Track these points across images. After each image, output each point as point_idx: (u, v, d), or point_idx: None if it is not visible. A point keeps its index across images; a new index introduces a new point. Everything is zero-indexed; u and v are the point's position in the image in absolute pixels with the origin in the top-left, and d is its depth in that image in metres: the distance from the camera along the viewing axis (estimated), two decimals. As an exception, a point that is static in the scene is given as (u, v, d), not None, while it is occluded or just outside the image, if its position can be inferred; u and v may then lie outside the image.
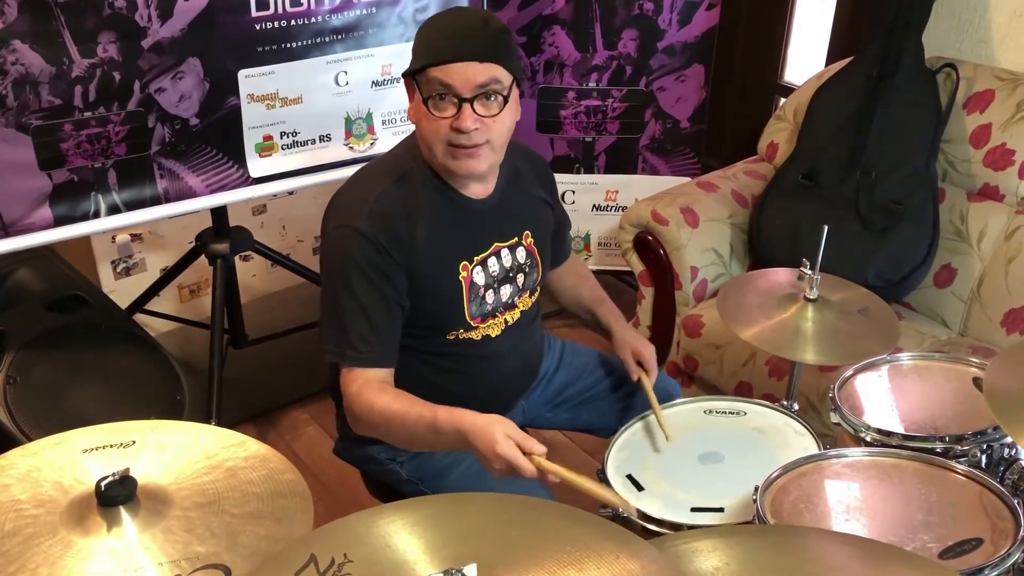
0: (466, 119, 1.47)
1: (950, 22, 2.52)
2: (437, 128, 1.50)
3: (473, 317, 1.64)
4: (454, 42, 1.47)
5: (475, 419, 1.42)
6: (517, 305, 1.71)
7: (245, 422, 2.70)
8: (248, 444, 1.25)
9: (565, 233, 1.90)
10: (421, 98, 1.50)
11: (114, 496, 1.08)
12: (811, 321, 1.74)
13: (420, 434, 1.48)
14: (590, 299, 1.91)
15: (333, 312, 1.55)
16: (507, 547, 0.93)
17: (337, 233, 1.55)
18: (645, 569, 0.91)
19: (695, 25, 2.74)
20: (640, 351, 1.78)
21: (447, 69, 1.46)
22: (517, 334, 1.72)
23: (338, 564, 0.93)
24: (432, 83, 1.47)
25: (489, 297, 1.65)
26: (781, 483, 1.39)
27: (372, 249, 1.52)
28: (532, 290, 1.74)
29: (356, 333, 1.53)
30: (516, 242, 1.69)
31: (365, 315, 1.53)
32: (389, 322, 1.56)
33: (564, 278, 1.93)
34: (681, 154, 2.91)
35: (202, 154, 2.31)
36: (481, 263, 1.63)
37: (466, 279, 1.61)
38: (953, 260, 2.34)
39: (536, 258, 1.73)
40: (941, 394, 1.64)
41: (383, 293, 1.54)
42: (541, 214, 1.76)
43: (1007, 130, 2.28)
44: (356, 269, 1.52)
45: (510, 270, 1.68)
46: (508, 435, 1.38)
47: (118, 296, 2.79)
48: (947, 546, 1.22)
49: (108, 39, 2.08)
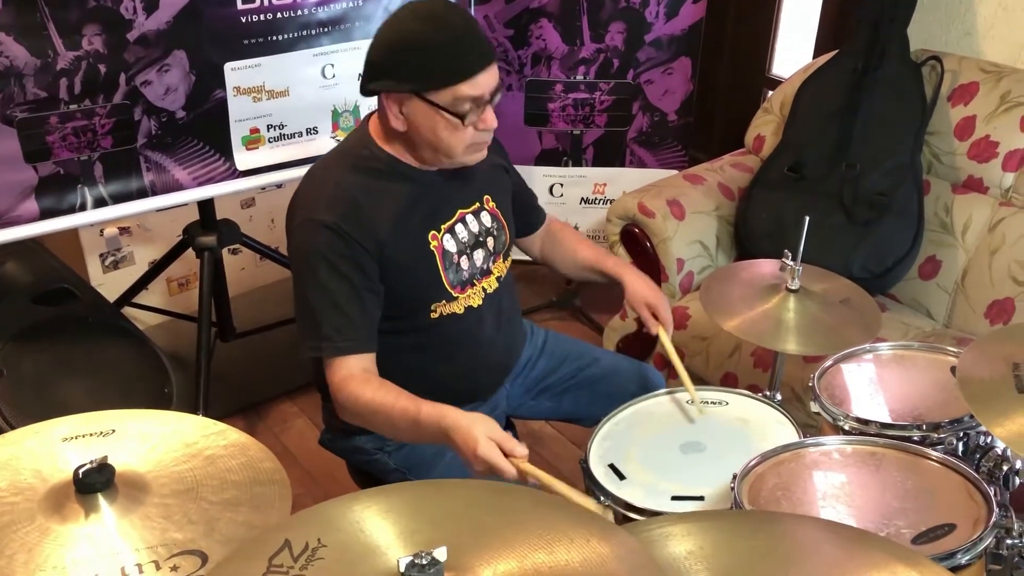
0: (493, 119, 1.53)
1: (936, 14, 2.53)
2: (463, 136, 1.53)
3: (453, 286, 1.64)
4: (470, 52, 1.48)
5: (458, 417, 1.42)
6: (492, 271, 1.72)
7: (234, 415, 2.71)
8: (228, 433, 1.25)
9: (530, 200, 1.90)
10: (446, 114, 1.49)
11: (92, 483, 1.09)
12: (793, 312, 1.75)
13: (403, 428, 1.49)
14: (592, 258, 1.90)
15: (305, 307, 1.56)
16: (479, 531, 0.94)
17: (300, 229, 1.56)
18: (615, 552, 0.92)
19: (682, 18, 2.75)
20: (655, 304, 1.78)
21: (476, 82, 1.48)
22: (498, 303, 1.73)
23: (312, 549, 0.94)
24: (462, 100, 1.48)
25: (464, 263, 1.66)
26: (759, 471, 1.40)
27: (335, 237, 1.52)
28: (504, 254, 1.76)
29: (329, 324, 1.54)
30: (479, 207, 1.70)
31: (336, 305, 1.53)
32: (361, 309, 1.56)
33: (557, 244, 1.93)
34: (669, 147, 2.92)
35: (188, 147, 2.31)
36: (449, 230, 1.65)
37: (438, 248, 1.63)
38: (938, 252, 2.36)
39: (501, 220, 1.74)
40: (921, 383, 1.66)
41: (351, 281, 1.54)
42: (497, 178, 1.77)
43: (991, 122, 2.29)
44: (322, 260, 1.53)
45: (479, 235, 1.69)
46: (490, 436, 1.38)
47: (106, 289, 2.79)
48: (920, 532, 1.23)
49: (93, 31, 2.08)
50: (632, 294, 1.80)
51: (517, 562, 0.90)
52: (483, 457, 1.36)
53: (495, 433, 1.39)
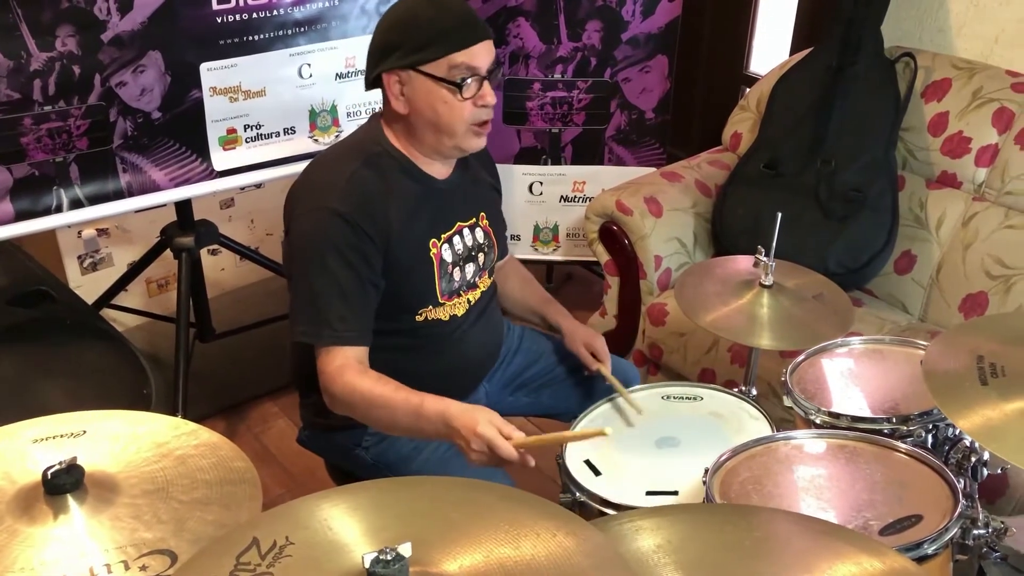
0: (491, 95, 1.56)
1: (909, 11, 2.55)
2: (462, 111, 1.55)
3: (443, 294, 1.67)
4: (468, 25, 1.54)
5: (459, 405, 1.46)
6: (478, 285, 1.75)
7: (214, 415, 2.70)
8: (200, 432, 1.25)
9: (501, 230, 1.91)
10: (443, 85, 1.52)
11: (61, 484, 1.09)
12: (766, 307, 1.76)
13: (402, 419, 1.50)
14: (537, 301, 1.93)
15: (307, 294, 1.56)
16: (445, 527, 0.94)
17: (311, 216, 1.56)
18: (581, 547, 0.92)
19: (658, 16, 2.76)
20: (591, 343, 1.82)
21: (471, 52, 1.53)
22: (480, 313, 1.76)
23: (279, 547, 0.94)
24: (459, 68, 1.53)
25: (456, 274, 1.69)
26: (730, 465, 1.41)
27: (348, 228, 1.53)
28: (490, 270, 1.79)
29: (333, 312, 1.54)
30: (474, 222, 1.73)
31: (342, 294, 1.54)
32: (365, 301, 1.57)
33: (508, 279, 1.94)
34: (647, 145, 2.93)
35: (165, 148, 2.31)
36: (448, 240, 1.67)
37: (436, 255, 1.65)
38: (913, 247, 2.37)
39: (492, 239, 1.78)
40: (895, 376, 1.67)
41: (359, 272, 1.55)
42: (491, 197, 1.82)
43: (963, 118, 2.31)
44: (332, 248, 1.53)
45: (472, 248, 1.72)
46: (491, 421, 1.41)
47: (85, 291, 2.78)
48: (888, 523, 1.24)
49: (67, 32, 2.07)
50: (570, 336, 1.85)
51: (483, 556, 0.90)
52: (482, 434, 1.39)
53: (495, 419, 1.43)
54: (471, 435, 1.40)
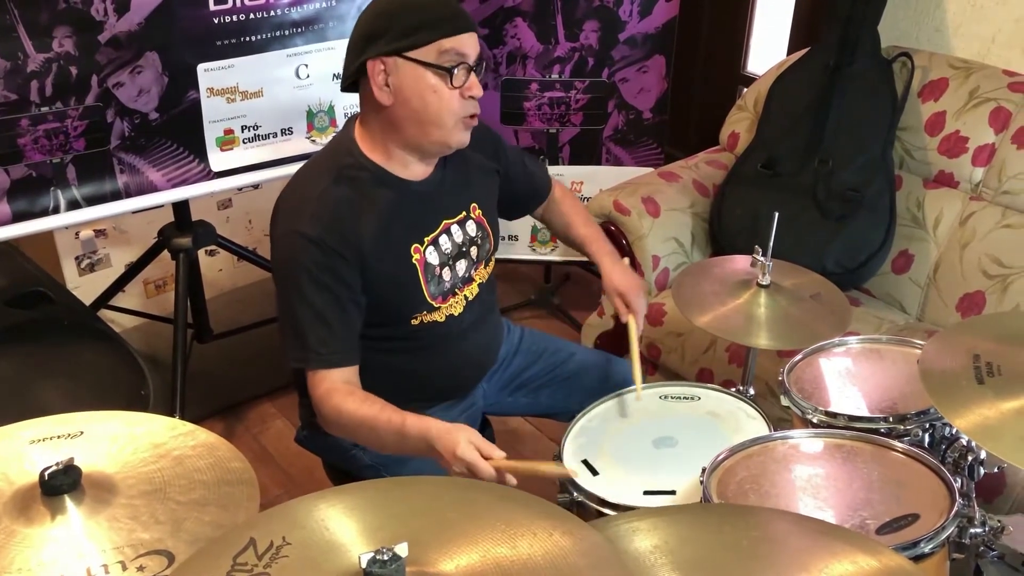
0: (478, 86, 1.54)
1: (906, 11, 2.55)
2: (451, 102, 1.52)
3: (434, 297, 1.65)
4: (456, 14, 1.53)
5: (440, 425, 1.45)
6: (474, 278, 1.73)
7: (212, 416, 2.70)
8: (197, 433, 1.25)
9: (531, 181, 1.89)
10: (432, 71, 1.50)
11: (58, 485, 1.09)
12: (764, 307, 1.76)
13: (387, 439, 1.50)
14: (581, 237, 1.91)
15: (290, 320, 1.56)
16: (442, 527, 0.95)
17: (283, 241, 1.56)
18: (577, 546, 0.92)
19: (656, 16, 2.76)
20: (627, 293, 1.78)
21: (460, 39, 1.51)
22: (479, 308, 1.74)
23: (276, 547, 0.94)
24: (448, 54, 1.50)
25: (446, 275, 1.67)
26: (728, 465, 1.41)
27: (319, 252, 1.52)
28: (487, 261, 1.76)
29: (315, 337, 1.54)
30: (464, 216, 1.70)
31: (321, 319, 1.54)
32: (346, 321, 1.57)
33: (555, 214, 1.94)
34: (644, 145, 2.93)
35: (162, 148, 2.31)
36: (432, 243, 1.65)
37: (420, 260, 1.63)
38: (910, 246, 2.38)
39: (487, 228, 1.74)
40: (891, 376, 1.68)
41: (336, 294, 1.55)
42: (485, 182, 1.77)
43: (960, 118, 2.31)
44: (305, 274, 1.53)
45: (462, 245, 1.69)
46: (471, 441, 1.40)
47: (83, 292, 2.78)
48: (885, 522, 1.25)
49: (64, 33, 2.07)
50: (606, 283, 1.81)
51: (480, 556, 0.91)
52: (462, 457, 1.38)
53: (475, 439, 1.41)
54: (452, 458, 1.40)
